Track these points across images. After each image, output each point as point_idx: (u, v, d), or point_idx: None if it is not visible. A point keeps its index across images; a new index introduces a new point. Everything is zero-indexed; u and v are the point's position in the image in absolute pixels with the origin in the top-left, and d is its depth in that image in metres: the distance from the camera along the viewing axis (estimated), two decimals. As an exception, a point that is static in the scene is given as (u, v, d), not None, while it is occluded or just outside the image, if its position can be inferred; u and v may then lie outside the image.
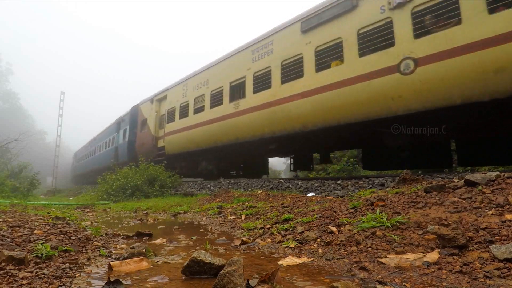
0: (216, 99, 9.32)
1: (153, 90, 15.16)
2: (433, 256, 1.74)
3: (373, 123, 5.71)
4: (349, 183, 5.59)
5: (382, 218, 2.31)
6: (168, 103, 12.05)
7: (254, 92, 7.95)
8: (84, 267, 1.89)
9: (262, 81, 7.80)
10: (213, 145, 9.36)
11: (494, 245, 1.68)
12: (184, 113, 10.87)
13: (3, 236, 2.25)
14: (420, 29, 5.08)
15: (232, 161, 10.52)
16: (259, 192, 6.19)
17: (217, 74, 9.58)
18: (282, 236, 2.65)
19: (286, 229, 2.79)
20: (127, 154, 15.01)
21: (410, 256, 1.79)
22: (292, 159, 9.15)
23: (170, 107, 11.81)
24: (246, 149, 8.93)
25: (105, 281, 1.49)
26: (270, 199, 5.12)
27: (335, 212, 2.92)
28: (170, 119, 11.65)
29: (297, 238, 2.48)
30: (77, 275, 1.71)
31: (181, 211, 5.50)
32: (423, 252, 1.82)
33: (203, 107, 9.84)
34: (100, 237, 2.91)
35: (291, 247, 2.34)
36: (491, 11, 4.41)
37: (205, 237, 3.01)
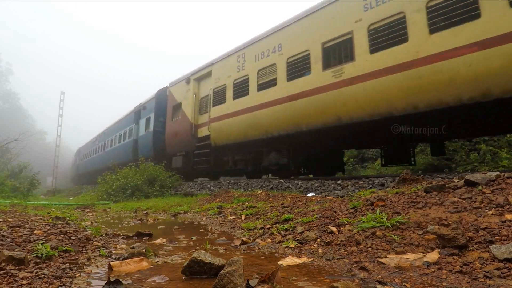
0: (298, 68, 7.16)
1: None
2: (433, 256, 1.74)
3: None
4: (349, 183, 5.57)
5: (382, 218, 2.31)
6: (214, 81, 9.75)
7: (372, 51, 5.84)
8: (84, 267, 1.89)
9: (387, 35, 5.66)
10: (294, 130, 7.19)
11: (494, 245, 1.68)
12: (241, 91, 8.61)
13: (3, 236, 2.25)
14: None
15: (315, 151, 8.23)
16: (259, 192, 6.19)
17: (297, 35, 7.34)
18: (282, 236, 2.65)
19: (286, 229, 2.79)
20: (152, 147, 12.84)
21: (410, 256, 1.79)
22: (383, 152, 7.08)
23: (218, 85, 9.56)
24: (350, 134, 6.71)
25: (105, 281, 1.49)
26: (270, 199, 5.12)
27: (335, 212, 2.92)
28: (219, 101, 9.40)
29: (297, 238, 2.48)
30: (77, 275, 1.71)
31: (181, 211, 5.50)
32: (423, 252, 1.82)
33: (275, 81, 7.64)
34: (100, 237, 2.91)
35: (291, 247, 2.34)
36: None
37: (205, 237, 3.01)
